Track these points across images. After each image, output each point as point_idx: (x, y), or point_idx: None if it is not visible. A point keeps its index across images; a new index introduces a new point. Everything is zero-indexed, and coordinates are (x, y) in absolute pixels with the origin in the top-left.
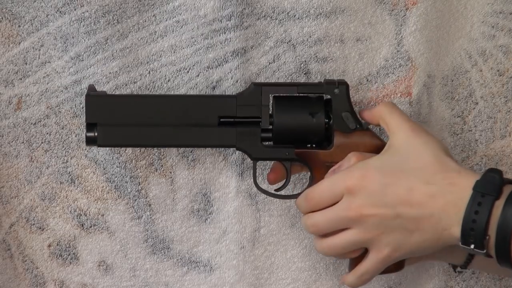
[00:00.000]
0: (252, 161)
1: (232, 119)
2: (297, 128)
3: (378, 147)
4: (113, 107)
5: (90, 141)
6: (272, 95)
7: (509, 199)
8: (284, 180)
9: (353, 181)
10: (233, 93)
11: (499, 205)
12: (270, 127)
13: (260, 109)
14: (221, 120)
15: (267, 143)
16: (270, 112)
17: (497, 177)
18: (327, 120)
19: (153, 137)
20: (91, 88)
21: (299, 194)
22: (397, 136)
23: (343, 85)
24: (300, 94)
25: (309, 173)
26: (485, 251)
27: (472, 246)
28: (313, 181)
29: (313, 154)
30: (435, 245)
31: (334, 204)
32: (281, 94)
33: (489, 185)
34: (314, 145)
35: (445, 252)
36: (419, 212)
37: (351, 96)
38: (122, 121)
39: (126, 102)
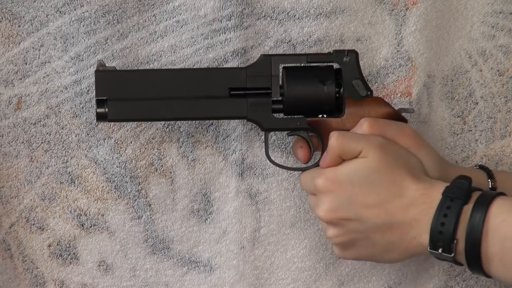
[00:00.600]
0: (263, 133)
1: (243, 91)
2: (308, 97)
3: (389, 114)
4: (123, 82)
5: (100, 117)
6: (282, 66)
7: (477, 203)
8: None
9: (321, 182)
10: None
11: (467, 209)
12: (281, 98)
13: (270, 80)
14: (231, 92)
15: (278, 115)
16: (280, 83)
17: (465, 183)
18: (337, 89)
19: (164, 110)
20: (101, 63)
21: (309, 167)
22: (368, 155)
23: (352, 53)
24: (310, 64)
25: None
26: (452, 255)
27: (440, 250)
28: (325, 150)
29: (325, 123)
30: (401, 255)
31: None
32: (291, 65)
33: (457, 190)
34: (325, 115)
35: None
36: (387, 220)
37: None
38: (133, 95)
39: (136, 77)
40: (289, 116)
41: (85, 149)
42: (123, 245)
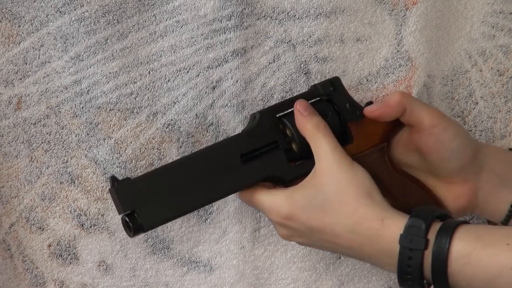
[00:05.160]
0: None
1: (253, 153)
2: None
3: (390, 122)
4: (142, 189)
5: (137, 230)
6: (278, 115)
7: (436, 243)
8: None
9: (279, 219)
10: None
11: (428, 254)
12: (291, 146)
13: (273, 133)
14: (243, 158)
15: (295, 163)
16: (287, 132)
17: (422, 227)
18: (338, 117)
19: (191, 200)
20: (114, 178)
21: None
22: (321, 167)
23: (336, 80)
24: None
25: None
26: None
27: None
28: None
29: None
30: (378, 261)
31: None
32: (286, 112)
33: (414, 240)
34: None
35: (479, 209)
36: (348, 253)
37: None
38: (157, 197)
39: (152, 178)
40: (306, 160)
41: (85, 149)
42: (123, 245)
